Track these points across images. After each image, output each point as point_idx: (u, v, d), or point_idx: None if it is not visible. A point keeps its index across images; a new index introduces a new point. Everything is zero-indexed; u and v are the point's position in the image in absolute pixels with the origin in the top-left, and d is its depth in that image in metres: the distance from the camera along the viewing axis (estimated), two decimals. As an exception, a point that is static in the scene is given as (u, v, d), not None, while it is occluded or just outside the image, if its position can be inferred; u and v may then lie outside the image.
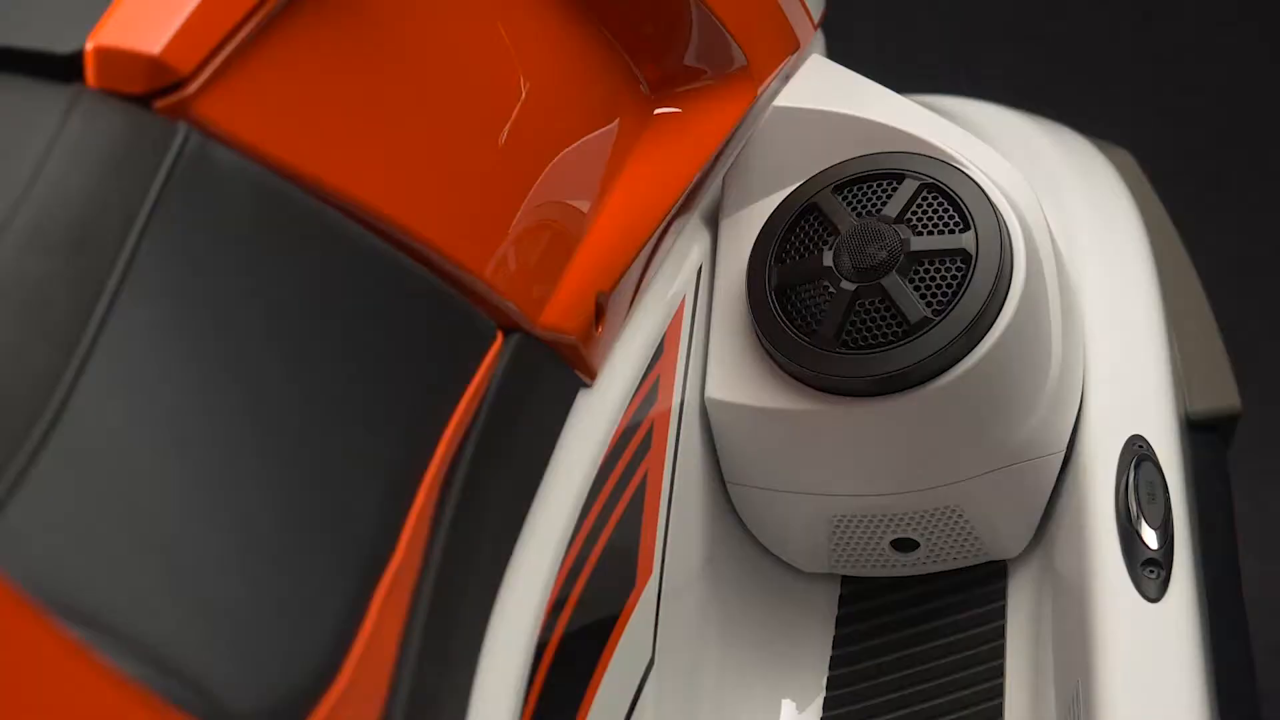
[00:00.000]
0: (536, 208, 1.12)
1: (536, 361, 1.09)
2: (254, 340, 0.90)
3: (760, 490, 1.28)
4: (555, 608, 1.04)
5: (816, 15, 1.45)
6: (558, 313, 1.11)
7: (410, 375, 0.97)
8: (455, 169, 1.05)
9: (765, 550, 1.32)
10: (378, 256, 0.97)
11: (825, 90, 1.33)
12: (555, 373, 1.11)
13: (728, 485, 1.29)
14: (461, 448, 1.00)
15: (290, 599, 0.84)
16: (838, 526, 1.27)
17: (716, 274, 1.29)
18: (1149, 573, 1.20)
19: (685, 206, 1.27)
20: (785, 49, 1.35)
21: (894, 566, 1.30)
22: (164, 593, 0.79)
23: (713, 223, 1.31)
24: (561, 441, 1.10)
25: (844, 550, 1.29)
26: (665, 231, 1.24)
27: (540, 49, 1.16)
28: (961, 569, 1.30)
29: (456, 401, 0.99)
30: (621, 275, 1.17)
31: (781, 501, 1.27)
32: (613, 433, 1.14)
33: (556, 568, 1.05)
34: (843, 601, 1.31)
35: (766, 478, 1.27)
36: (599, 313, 1.14)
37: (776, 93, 1.33)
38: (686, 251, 1.28)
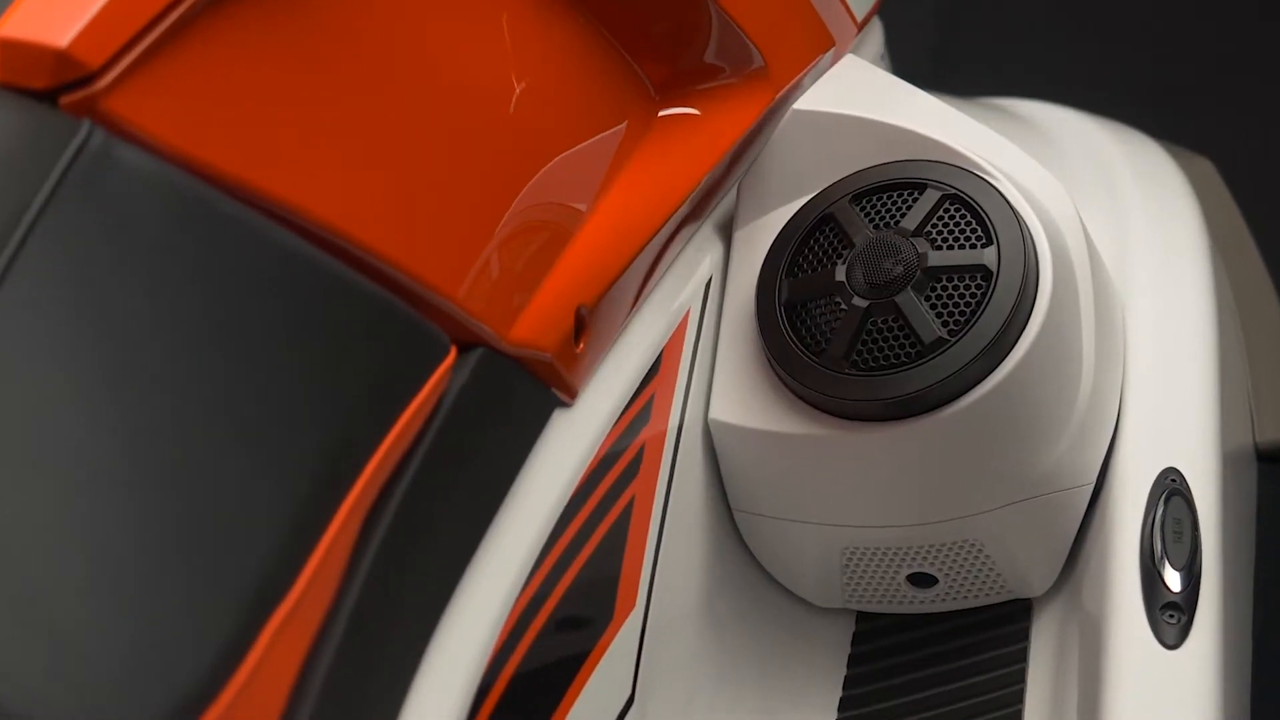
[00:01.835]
0: (509, 214, 1.05)
1: (501, 379, 1.02)
2: (147, 349, 0.84)
3: (767, 519, 1.20)
4: (508, 643, 0.97)
5: (860, 13, 1.37)
6: (530, 327, 1.04)
7: (332, 392, 0.90)
8: (411, 172, 0.99)
9: (775, 583, 1.24)
10: (304, 263, 0.91)
11: (852, 93, 1.25)
12: (525, 392, 1.04)
13: (734, 513, 1.21)
14: (400, 471, 0.93)
15: (148, 625, 0.78)
16: (850, 559, 1.19)
17: (727, 288, 1.22)
18: (1168, 617, 1.11)
19: (694, 214, 1.19)
20: (815, 49, 1.27)
21: (911, 603, 1.22)
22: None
23: (726, 233, 1.24)
24: (530, 464, 1.03)
25: (858, 584, 1.21)
26: (670, 241, 1.17)
27: (522, 46, 1.09)
28: (984, 607, 1.21)
29: (391, 422, 0.92)
30: (607, 288, 1.09)
31: (790, 531, 1.19)
32: (593, 455, 1.07)
33: (512, 601, 0.98)
34: (856, 639, 1.23)
35: (773, 506, 1.19)
36: (580, 327, 1.07)
37: (803, 94, 1.25)
38: (695, 263, 1.20)
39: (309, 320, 0.91)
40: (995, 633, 1.20)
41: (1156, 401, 1.20)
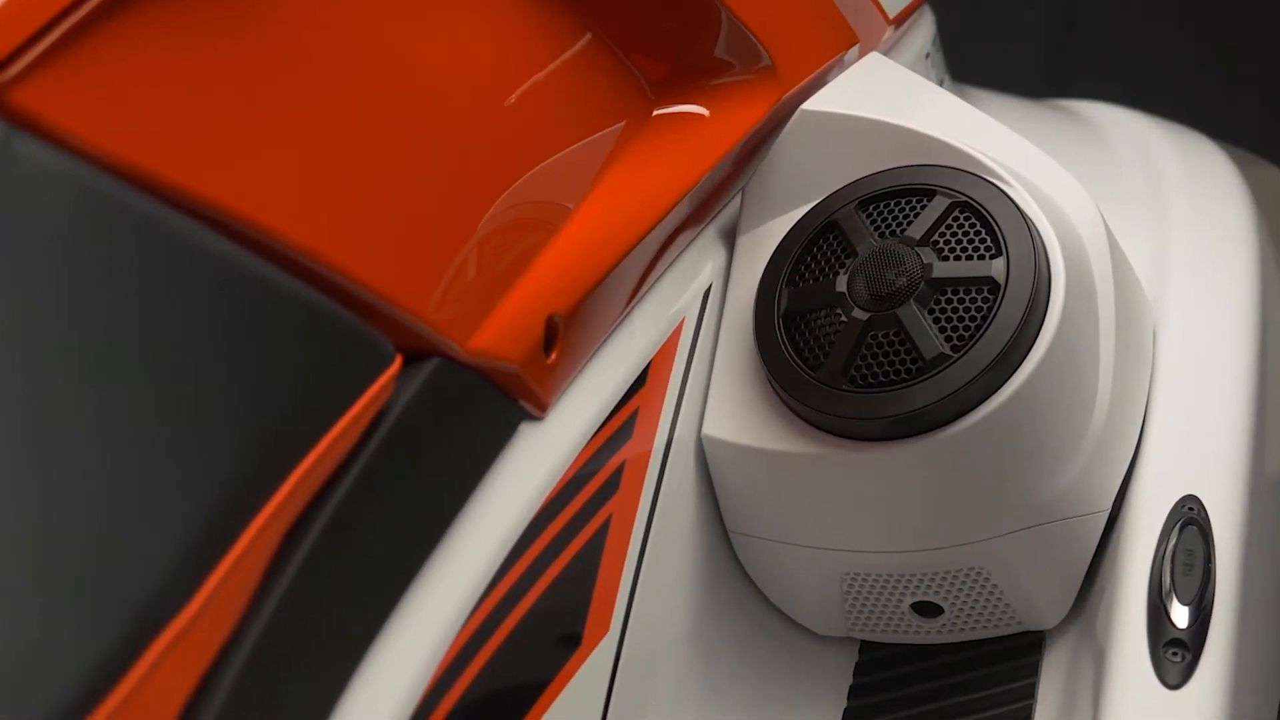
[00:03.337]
0: (469, 216, 0.99)
1: (458, 391, 0.96)
2: (37, 349, 0.79)
3: (763, 541, 1.13)
4: (449, 672, 0.92)
5: (894, 10, 1.30)
6: (493, 336, 0.98)
7: (246, 401, 0.85)
8: (353, 169, 0.93)
9: (774, 609, 1.18)
10: (222, 261, 0.86)
11: (868, 93, 1.18)
12: (487, 405, 0.99)
13: (730, 535, 1.15)
14: (330, 487, 0.88)
15: (6, 639, 0.73)
16: (850, 585, 1.13)
17: (728, 296, 1.16)
18: (1172, 655, 1.03)
19: (694, 218, 1.14)
20: (834, 46, 1.21)
21: (916, 633, 1.15)
22: None
23: (731, 238, 1.18)
24: (491, 481, 0.98)
25: (860, 612, 1.14)
26: (665, 245, 1.11)
27: (499, 39, 1.04)
28: (993, 639, 1.14)
29: (316, 435, 0.87)
30: (584, 295, 1.04)
31: (787, 554, 1.13)
32: (562, 473, 1.01)
33: (457, 626, 0.93)
34: (858, 670, 1.16)
35: (769, 527, 1.13)
36: (552, 337, 1.02)
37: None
38: (695, 269, 1.14)
39: (225, 322, 0.85)
40: (1003, 666, 1.13)
41: (1181, 424, 1.13)
